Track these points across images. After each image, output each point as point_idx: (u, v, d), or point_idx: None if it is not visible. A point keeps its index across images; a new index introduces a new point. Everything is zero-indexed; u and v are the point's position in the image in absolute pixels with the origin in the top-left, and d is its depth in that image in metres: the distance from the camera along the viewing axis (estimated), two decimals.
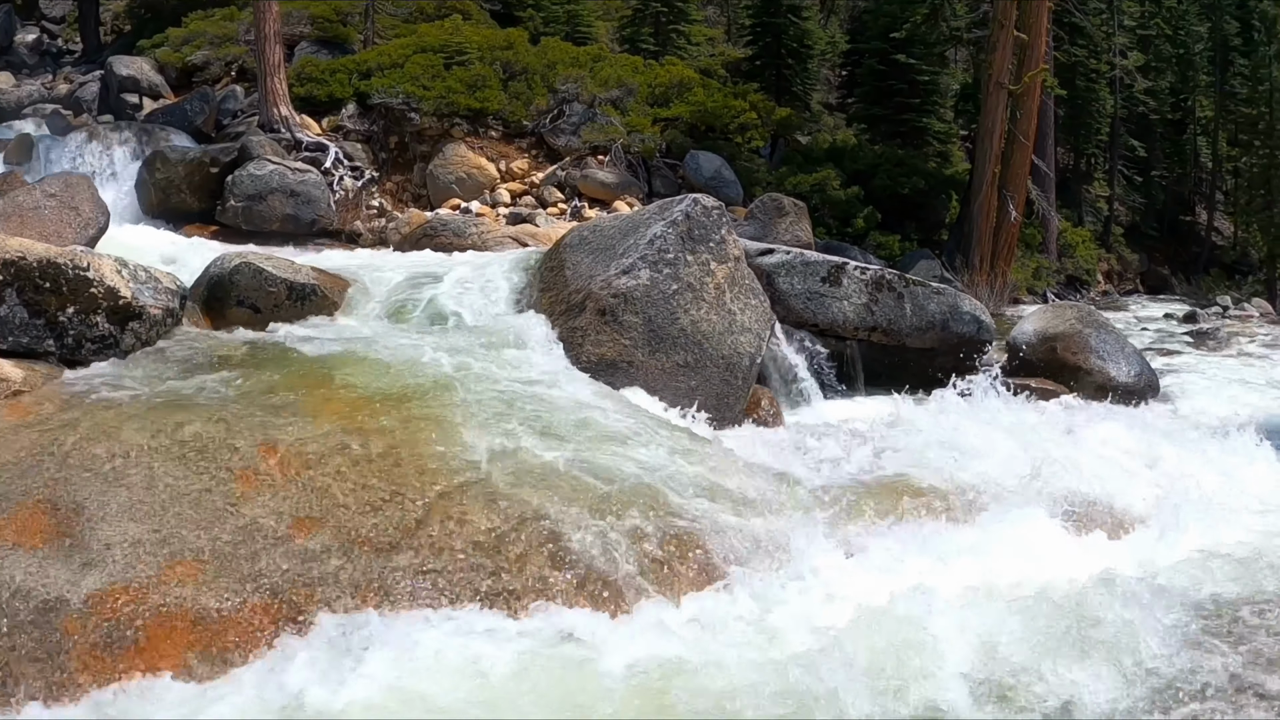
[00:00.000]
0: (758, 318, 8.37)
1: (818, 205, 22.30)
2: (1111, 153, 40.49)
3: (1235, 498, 7.42)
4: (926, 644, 4.19)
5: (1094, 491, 6.85)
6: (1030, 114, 23.58)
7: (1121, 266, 37.77)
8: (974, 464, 6.82)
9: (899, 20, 28.60)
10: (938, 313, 10.67)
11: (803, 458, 7.07)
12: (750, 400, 8.32)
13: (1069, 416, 9.66)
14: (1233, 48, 44.47)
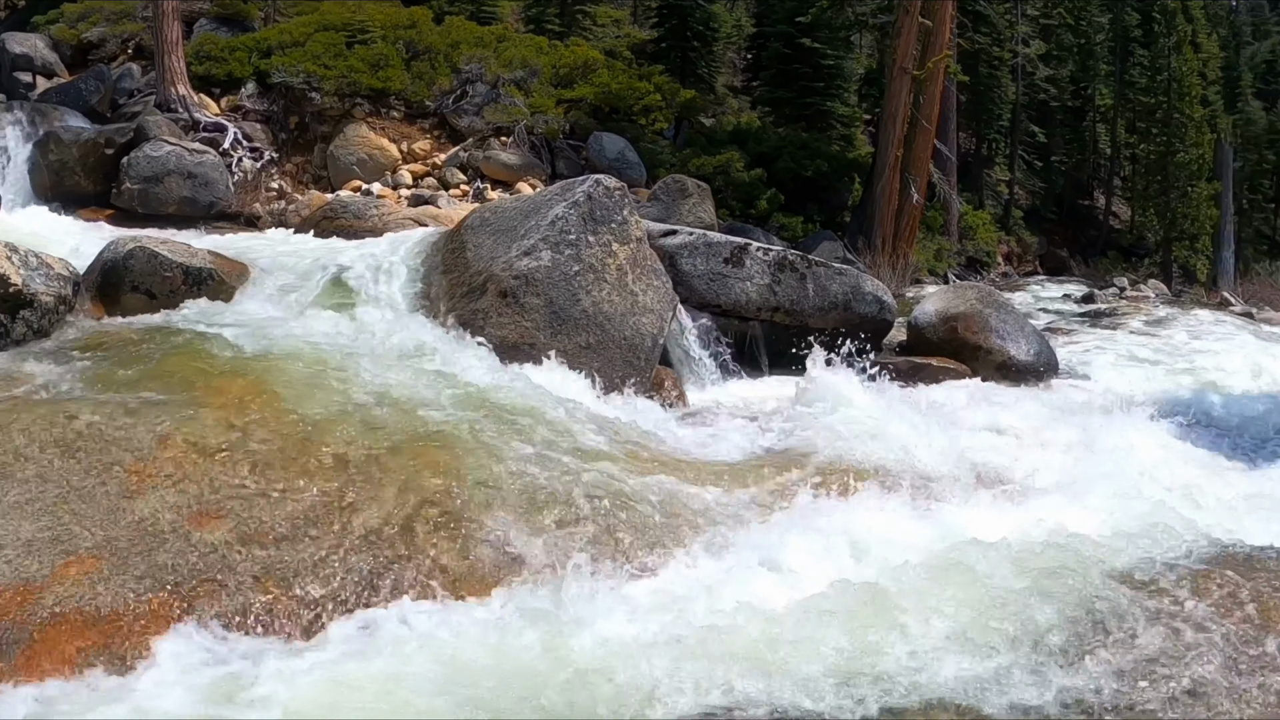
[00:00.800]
0: (660, 299, 8.34)
1: (721, 187, 22.37)
2: (1012, 138, 41.23)
3: (1124, 471, 7.55)
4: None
5: (988, 468, 6.94)
6: (933, 99, 23.82)
7: (1021, 248, 38.46)
8: (871, 444, 6.84)
9: (805, 4, 28.73)
10: (840, 293, 10.76)
11: (705, 438, 7.09)
12: (653, 381, 8.29)
13: (967, 395, 9.86)
14: (1133, 39, 45.48)
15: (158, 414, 5.37)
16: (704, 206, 15.30)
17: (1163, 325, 19.10)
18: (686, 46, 31.35)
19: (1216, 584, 4.77)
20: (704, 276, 9.89)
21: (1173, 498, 7.01)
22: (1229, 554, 5.29)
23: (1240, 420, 10.44)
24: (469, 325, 7.55)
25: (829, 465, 6.40)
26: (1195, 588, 4.71)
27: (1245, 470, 8.27)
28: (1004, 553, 5.12)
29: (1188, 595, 4.62)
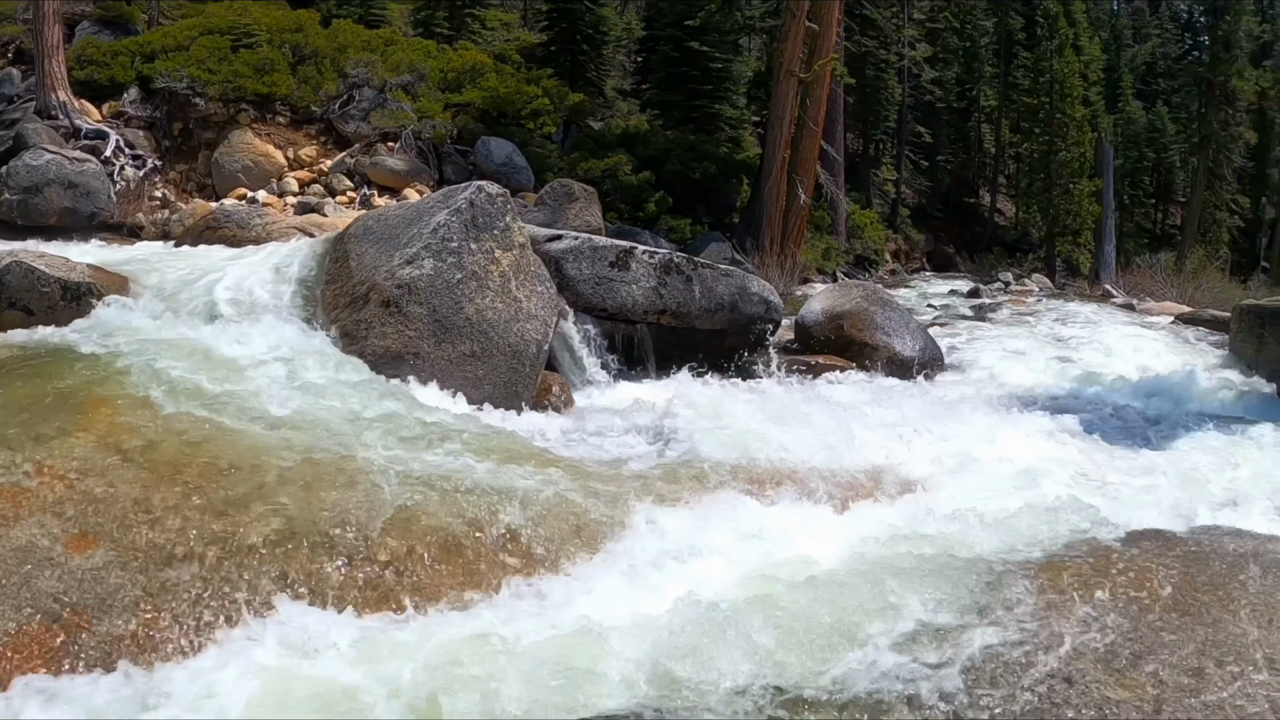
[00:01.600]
0: (544, 304, 8.33)
1: (609, 190, 22.44)
2: (899, 138, 41.85)
3: (1002, 461, 7.73)
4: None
5: (872, 462, 7.04)
6: (820, 101, 24.06)
7: (909, 246, 39.03)
8: (754, 443, 6.92)
9: (694, 8, 28.91)
10: (726, 294, 10.78)
11: (588, 441, 7.12)
12: (540, 387, 8.28)
13: (854, 391, 9.98)
14: (1017, 41, 46.44)
15: (33, 435, 5.24)
16: (591, 210, 15.30)
17: (1046, 318, 19.49)
18: (576, 50, 31.36)
19: (1094, 566, 4.90)
20: (590, 281, 9.84)
21: (1055, 484, 7.23)
22: (1109, 537, 5.44)
23: (1120, 407, 10.72)
24: (352, 336, 7.47)
25: (713, 466, 6.43)
26: (1075, 571, 4.83)
27: (1127, 456, 8.49)
28: (885, 545, 5.24)
29: (1068, 579, 4.74)
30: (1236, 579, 4.78)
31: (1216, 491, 7.69)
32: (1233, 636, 4.20)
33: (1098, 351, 15.03)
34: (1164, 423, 10.03)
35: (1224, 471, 8.33)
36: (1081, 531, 5.56)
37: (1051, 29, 39.32)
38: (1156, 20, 63.43)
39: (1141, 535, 5.50)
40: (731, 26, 30.39)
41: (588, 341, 9.47)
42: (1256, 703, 3.76)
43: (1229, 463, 8.56)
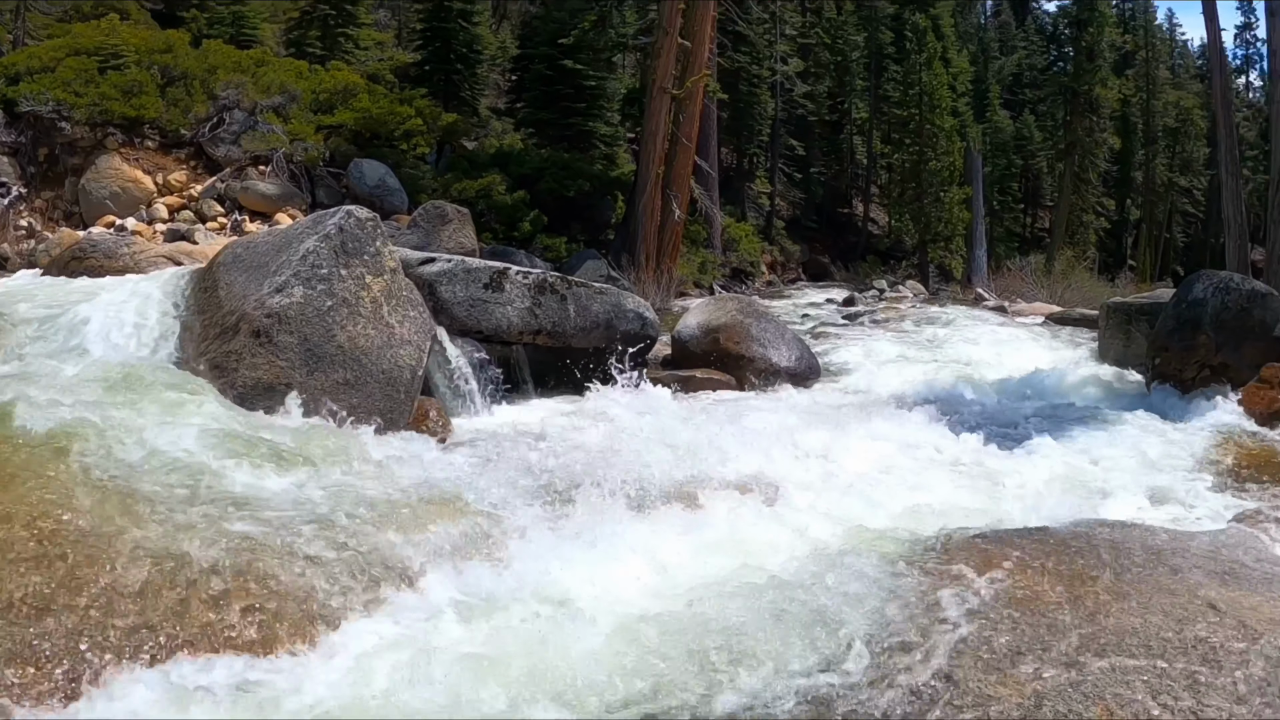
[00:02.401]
0: (418, 329, 8.25)
1: (484, 211, 22.40)
2: (773, 152, 42.34)
3: (878, 464, 7.87)
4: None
5: (743, 474, 7.07)
6: (693, 117, 24.23)
7: (784, 257, 39.50)
8: (633, 461, 6.94)
9: (568, 26, 28.97)
10: (602, 312, 10.84)
11: (469, 466, 7.07)
12: (417, 413, 8.17)
13: (730, 405, 10.06)
14: (887, 55, 47.28)
15: None
16: (465, 232, 15.21)
17: (920, 323, 19.84)
18: (450, 69, 31.25)
19: (970, 564, 4.99)
20: (464, 303, 9.80)
21: (931, 485, 7.36)
22: (985, 535, 5.52)
23: (994, 406, 10.99)
24: (221, 369, 7.29)
25: (593, 485, 6.41)
26: (952, 571, 4.91)
27: (1002, 454, 8.64)
28: (777, 553, 5.28)
29: (945, 579, 4.82)
30: (1113, 569, 4.89)
31: (1091, 484, 7.89)
32: (1111, 627, 4.28)
33: (972, 353, 15.39)
34: (1038, 420, 10.24)
35: (1097, 464, 8.58)
36: (957, 531, 5.62)
37: (920, 43, 40.08)
38: (1022, 33, 64.86)
39: (1018, 532, 5.58)
40: (605, 44, 30.51)
41: (464, 365, 9.39)
42: (1136, 690, 3.83)
43: (1102, 455, 8.81)
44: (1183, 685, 3.88)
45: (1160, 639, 4.18)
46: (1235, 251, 20.46)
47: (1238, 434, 9.73)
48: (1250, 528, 6.45)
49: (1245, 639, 4.17)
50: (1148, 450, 9.06)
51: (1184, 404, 10.86)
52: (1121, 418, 10.24)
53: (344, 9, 31.21)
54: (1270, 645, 4.12)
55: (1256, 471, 8.66)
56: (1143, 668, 3.99)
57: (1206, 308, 11.45)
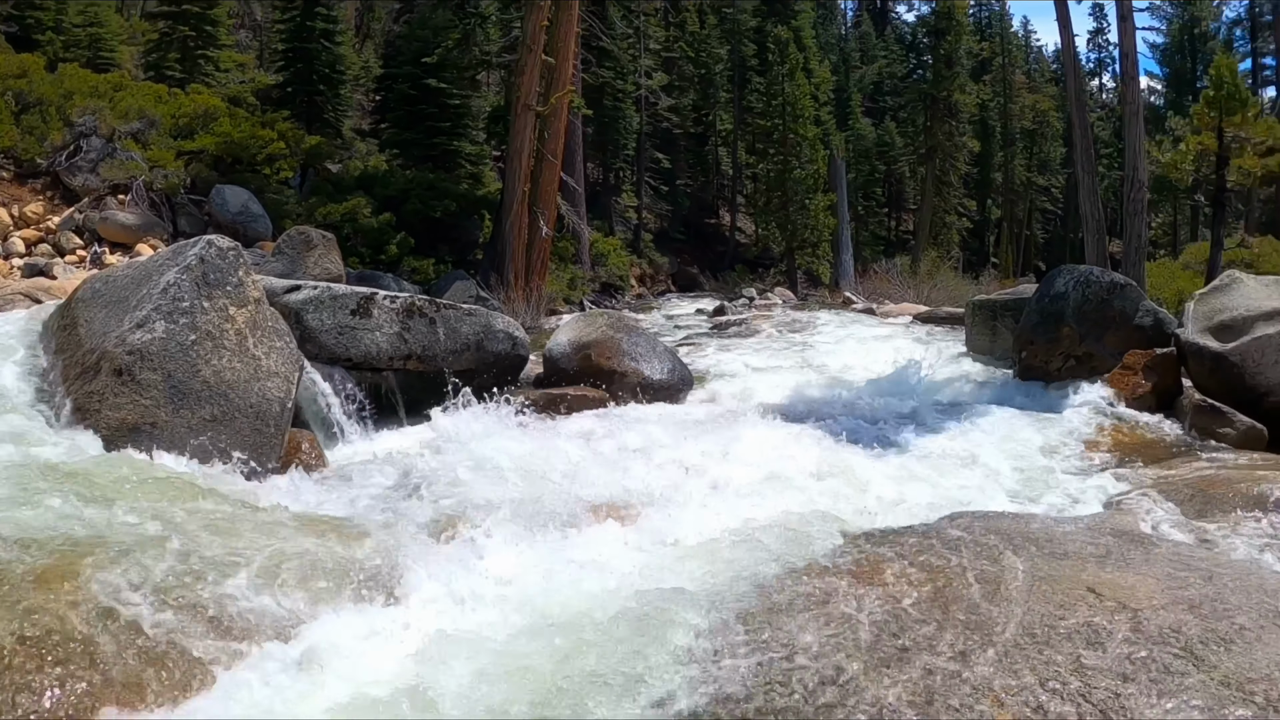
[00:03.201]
0: (285, 360, 8.05)
1: (350, 235, 22.24)
2: (638, 165, 42.67)
3: (752, 472, 7.88)
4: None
5: (619, 489, 7.12)
6: (558, 133, 24.31)
7: (653, 270, 39.81)
8: (501, 484, 6.94)
9: (431, 45, 28.95)
10: (471, 334, 10.76)
11: (344, 497, 7.00)
12: (289, 445, 7.96)
13: (605, 420, 10.06)
14: (750, 68, 47.97)
15: None
16: (330, 257, 14.94)
17: (790, 329, 20.07)
18: (313, 90, 30.99)
19: (851, 568, 5.00)
20: (332, 331, 9.64)
21: (808, 491, 7.41)
22: (863, 536, 5.56)
23: (867, 407, 11.06)
24: (85, 410, 7.04)
25: (463, 511, 6.41)
26: (834, 575, 4.92)
27: (876, 454, 8.74)
28: (651, 567, 5.29)
29: (827, 584, 4.82)
30: (992, 560, 4.95)
31: (965, 478, 8.07)
32: (993, 617, 4.35)
33: (842, 356, 15.57)
34: (910, 417, 10.44)
35: (970, 457, 8.74)
36: (836, 535, 5.67)
37: (783, 55, 40.66)
38: (882, 43, 66.17)
39: (896, 531, 5.62)
40: (469, 62, 30.53)
41: (335, 394, 9.24)
42: (1024, 678, 3.89)
43: (974, 449, 9.00)
44: (1069, 669, 3.94)
45: (1044, 625, 4.26)
46: (1094, 246, 21.12)
47: (1105, 419, 10.09)
48: (1124, 510, 6.66)
49: (1127, 619, 4.25)
50: (1018, 441, 9.32)
51: (1051, 394, 11.20)
52: (991, 411, 10.50)
53: (204, 30, 30.76)
54: (1151, 624, 4.21)
55: (1125, 454, 8.97)
56: (1029, 655, 4.05)
57: (1069, 301, 11.80)
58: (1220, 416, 9.59)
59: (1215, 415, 9.63)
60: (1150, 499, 6.84)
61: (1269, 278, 11.75)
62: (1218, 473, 7.55)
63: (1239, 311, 10.41)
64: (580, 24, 26.55)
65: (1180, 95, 54.03)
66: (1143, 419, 10.10)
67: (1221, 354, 10.12)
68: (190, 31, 30.34)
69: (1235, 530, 6.12)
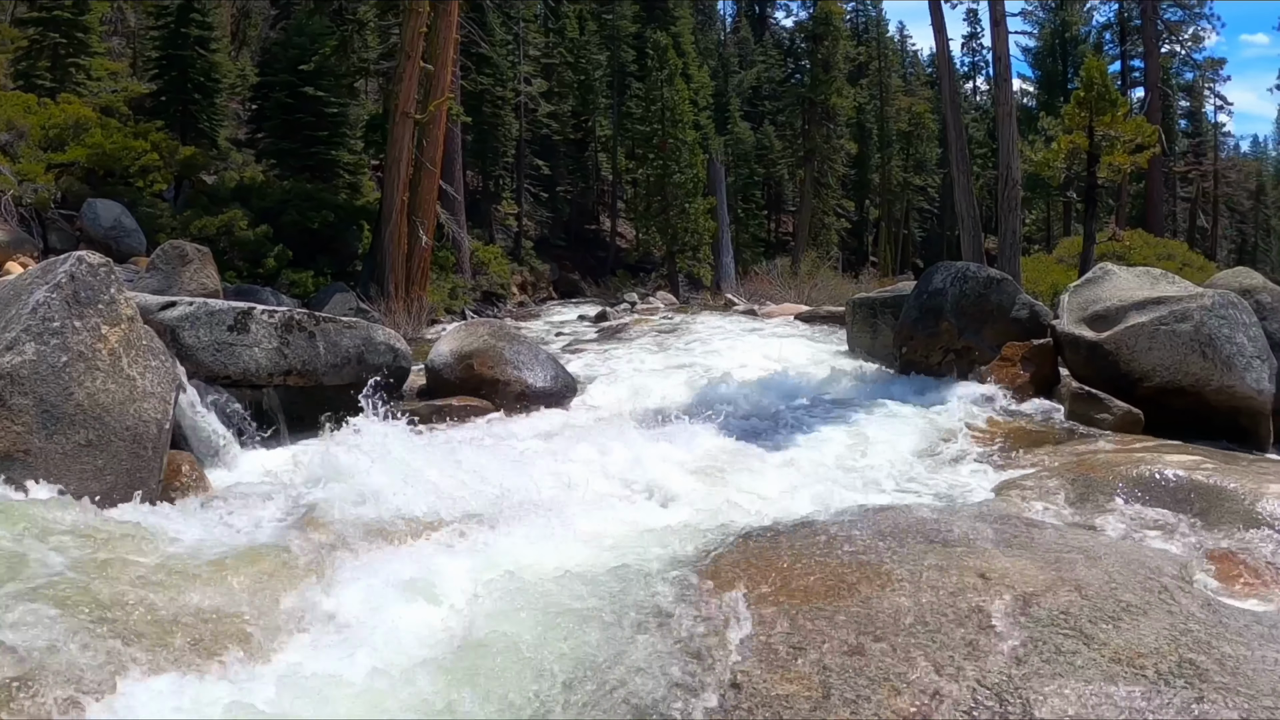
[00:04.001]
0: (161, 380, 7.85)
1: (226, 248, 21.94)
2: (518, 172, 42.69)
3: (638, 476, 7.97)
4: None
5: (510, 499, 7.06)
6: (436, 141, 24.20)
7: (535, 277, 39.86)
8: (390, 496, 6.91)
9: (309, 52, 28.64)
10: (352, 347, 10.68)
11: (226, 520, 6.88)
12: (169, 468, 7.80)
13: (487, 430, 10.08)
14: (629, 73, 48.33)
15: None
16: (207, 272, 14.65)
17: (673, 332, 20.17)
18: (188, 99, 30.49)
19: (741, 567, 5.06)
20: (209, 348, 9.47)
21: (696, 493, 7.50)
22: (753, 536, 5.60)
23: (752, 407, 11.19)
24: None
25: (349, 528, 6.35)
26: (724, 576, 4.96)
27: (763, 454, 8.86)
28: (538, 577, 5.22)
29: (717, 585, 4.86)
30: (882, 553, 5.06)
31: (851, 472, 8.20)
32: (885, 609, 4.43)
33: (724, 357, 15.67)
34: (793, 416, 10.58)
35: (855, 452, 8.91)
36: (723, 534, 5.72)
37: (662, 60, 40.89)
38: (761, 47, 66.82)
39: (785, 529, 5.67)
40: (347, 70, 30.32)
41: (215, 412, 9.09)
42: (919, 667, 3.99)
43: (858, 444, 9.18)
44: (963, 655, 4.06)
45: (936, 614, 4.36)
46: (969, 242, 21.66)
47: (986, 410, 10.39)
48: (1009, 497, 6.85)
49: (1016, 603, 4.39)
50: (902, 434, 9.50)
51: (932, 388, 11.45)
52: (874, 406, 10.70)
53: (75, 38, 29.92)
54: (1039, 607, 4.35)
55: (1007, 443, 9.19)
56: (922, 643, 4.15)
57: (947, 296, 12.12)
58: (1097, 403, 9.91)
59: (1092, 402, 9.95)
60: (1033, 485, 7.04)
61: (1139, 269, 12.23)
62: (1097, 456, 7.77)
63: (1112, 302, 10.77)
64: (459, 30, 26.47)
65: (1052, 97, 55.29)
66: (1023, 408, 10.45)
67: (1096, 343, 10.45)
68: (61, 39, 29.56)
69: (1115, 512, 6.33)
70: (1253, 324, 10.15)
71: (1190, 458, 7.30)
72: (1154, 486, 6.56)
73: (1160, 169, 42.39)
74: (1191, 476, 6.58)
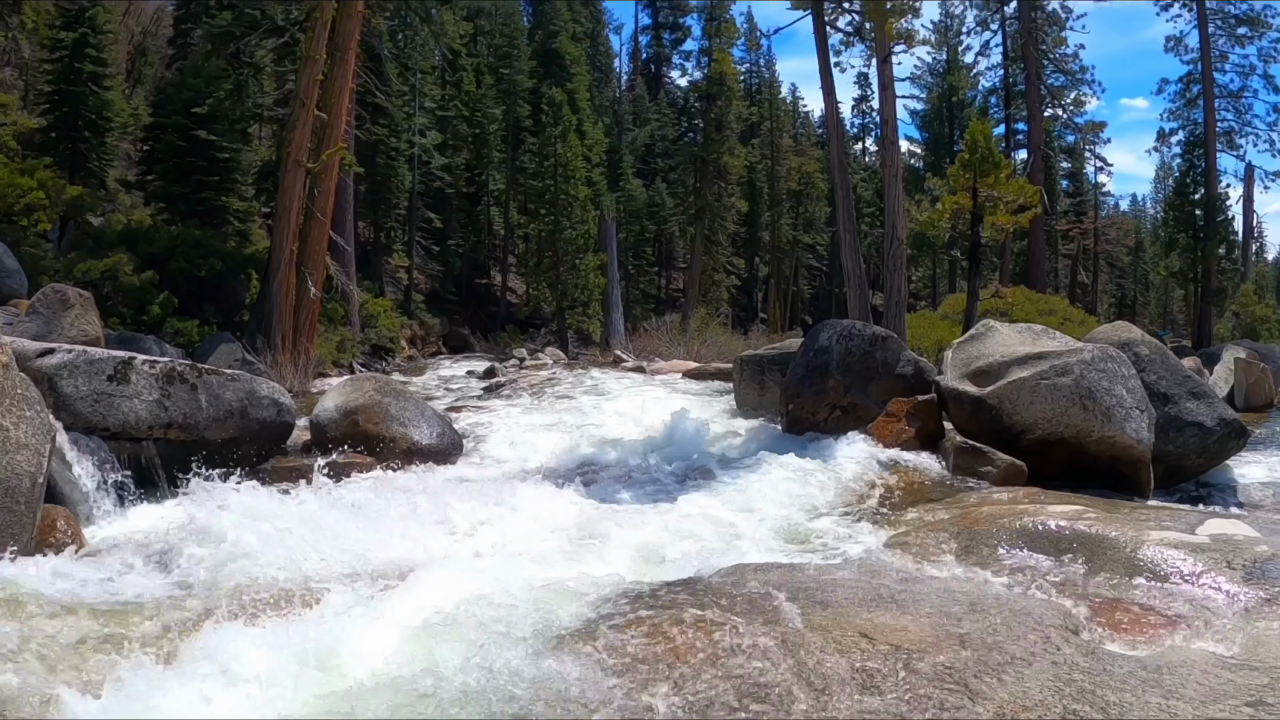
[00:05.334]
0: (36, 431, 7.62)
1: (110, 293, 21.60)
2: (410, 225, 42.65)
3: (521, 536, 7.99)
4: None
5: (383, 557, 7.10)
6: (328, 191, 24.03)
7: (424, 331, 39.74)
8: (261, 560, 6.83)
9: (203, 95, 28.44)
10: (235, 401, 10.56)
11: (102, 581, 6.75)
12: (44, 524, 7.58)
13: (369, 488, 9.87)
14: (524, 128, 48.63)
15: None
16: (88, 318, 14.42)
17: (561, 389, 20.20)
18: (78, 136, 29.95)
19: (617, 630, 5.04)
20: (88, 398, 9.33)
21: (576, 552, 7.49)
22: (630, 597, 5.64)
23: (637, 466, 11.33)
24: None
25: (223, 592, 6.28)
26: (601, 640, 4.93)
27: (646, 512, 8.90)
28: (400, 639, 5.22)
29: (592, 649, 4.83)
30: (765, 612, 5.10)
31: (736, 531, 8.22)
32: (769, 670, 4.46)
33: (612, 414, 15.79)
34: (679, 474, 10.70)
35: (740, 511, 8.89)
36: (606, 595, 5.72)
37: (556, 116, 41.17)
38: (655, 106, 67.45)
39: (668, 588, 5.73)
40: (241, 114, 30.06)
41: (93, 466, 8.90)
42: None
43: (744, 502, 9.19)
44: (849, 716, 4.12)
45: (819, 675, 4.41)
46: (856, 300, 22.13)
47: (871, 466, 10.45)
48: (895, 552, 6.95)
49: (901, 660, 4.47)
50: (787, 492, 9.53)
51: (819, 444, 11.54)
52: (760, 464, 10.72)
53: None
54: (925, 662, 4.44)
55: (892, 498, 9.38)
56: (809, 708, 4.19)
57: (833, 354, 12.37)
58: (981, 456, 10.15)
59: (976, 455, 10.19)
60: (918, 540, 7.15)
61: (1021, 325, 12.56)
62: (981, 509, 7.91)
63: (994, 358, 11.06)
64: (355, 80, 26.40)
65: (939, 158, 56.61)
66: (908, 463, 10.56)
67: (980, 398, 10.71)
68: None
69: (1000, 564, 6.45)
70: (1131, 376, 10.49)
71: (1073, 507, 7.52)
72: (1038, 537, 6.72)
73: (1042, 227, 43.70)
74: (1074, 526, 6.76)
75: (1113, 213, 71.12)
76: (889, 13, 21.49)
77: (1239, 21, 44.41)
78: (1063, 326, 20.08)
